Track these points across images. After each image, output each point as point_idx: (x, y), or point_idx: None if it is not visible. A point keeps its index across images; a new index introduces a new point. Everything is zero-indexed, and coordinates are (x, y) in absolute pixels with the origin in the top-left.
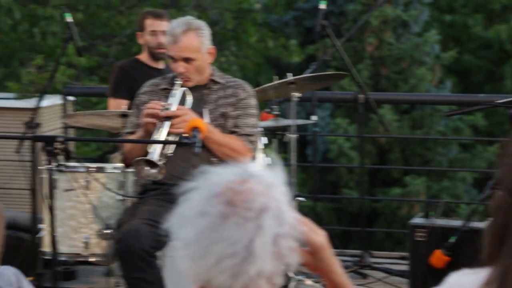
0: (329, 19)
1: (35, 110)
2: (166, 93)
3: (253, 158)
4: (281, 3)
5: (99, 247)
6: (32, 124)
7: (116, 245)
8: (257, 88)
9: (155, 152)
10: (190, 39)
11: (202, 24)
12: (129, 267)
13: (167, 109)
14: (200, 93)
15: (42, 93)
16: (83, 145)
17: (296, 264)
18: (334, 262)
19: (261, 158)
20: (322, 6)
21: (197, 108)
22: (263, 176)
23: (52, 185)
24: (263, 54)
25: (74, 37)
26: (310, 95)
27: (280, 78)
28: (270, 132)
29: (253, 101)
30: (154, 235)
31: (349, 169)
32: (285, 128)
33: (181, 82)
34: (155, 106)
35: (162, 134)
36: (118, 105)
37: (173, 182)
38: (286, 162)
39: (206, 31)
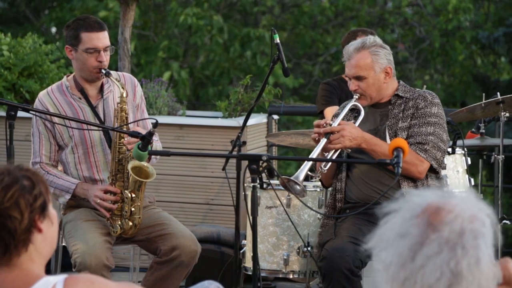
0: None
1: (241, 128)
2: (354, 113)
3: (434, 169)
4: (492, 19)
5: (298, 264)
6: (238, 142)
7: (320, 263)
8: (464, 108)
9: (302, 171)
10: (361, 58)
11: (379, 43)
12: (333, 285)
13: (330, 125)
14: (385, 109)
15: (248, 112)
16: (285, 164)
17: (495, 286)
18: None
19: (465, 179)
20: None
21: (381, 124)
22: (465, 198)
23: (255, 203)
24: (471, 72)
25: (282, 58)
26: None
27: (488, 97)
28: (474, 152)
29: (434, 110)
30: (358, 254)
31: None
32: (491, 148)
33: (356, 98)
34: (321, 122)
35: (317, 151)
36: (334, 110)
37: (369, 202)
38: (493, 183)
39: (382, 51)
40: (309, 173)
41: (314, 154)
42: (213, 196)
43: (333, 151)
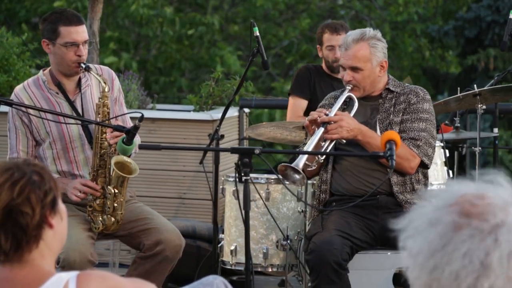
0: (493, 29)
1: (219, 122)
2: (343, 104)
3: (425, 164)
4: (441, 12)
5: (277, 257)
6: (216, 136)
7: (308, 256)
8: (440, 100)
9: (301, 159)
10: (360, 49)
11: (378, 36)
12: (321, 278)
13: (326, 115)
14: (375, 103)
15: (227, 105)
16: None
17: None
18: None
19: (444, 171)
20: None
21: (371, 118)
22: (501, 190)
23: (248, 196)
24: (420, 65)
25: (261, 50)
26: (492, 107)
27: (438, 90)
28: (450, 145)
29: (426, 106)
30: (346, 247)
31: None
32: (464, 141)
33: (349, 89)
34: (317, 113)
35: (314, 140)
36: (297, 104)
37: (357, 194)
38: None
39: (380, 44)
40: (307, 162)
41: (312, 144)
42: (185, 190)
43: (328, 141)
